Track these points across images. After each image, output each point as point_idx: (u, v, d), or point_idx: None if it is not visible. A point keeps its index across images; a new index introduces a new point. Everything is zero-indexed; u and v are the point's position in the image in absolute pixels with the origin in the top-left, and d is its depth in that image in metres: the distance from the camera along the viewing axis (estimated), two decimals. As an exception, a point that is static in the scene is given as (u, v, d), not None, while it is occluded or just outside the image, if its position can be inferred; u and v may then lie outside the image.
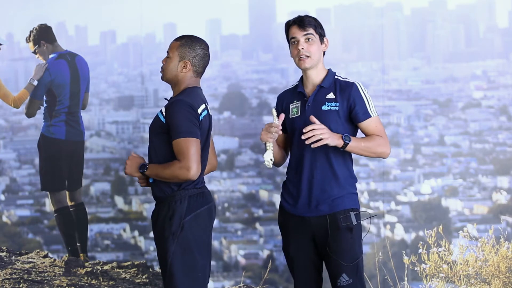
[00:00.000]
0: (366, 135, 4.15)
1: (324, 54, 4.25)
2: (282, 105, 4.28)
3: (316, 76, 4.20)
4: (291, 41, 4.20)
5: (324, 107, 4.13)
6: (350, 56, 15.96)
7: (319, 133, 4.01)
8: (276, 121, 4.11)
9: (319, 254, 4.20)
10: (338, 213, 4.11)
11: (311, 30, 4.17)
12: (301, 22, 4.17)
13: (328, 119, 4.10)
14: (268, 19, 16.95)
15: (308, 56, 4.16)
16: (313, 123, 4.04)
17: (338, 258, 4.10)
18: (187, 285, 4.04)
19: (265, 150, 4.11)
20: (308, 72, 4.20)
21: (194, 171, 3.96)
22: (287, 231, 4.26)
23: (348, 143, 4.04)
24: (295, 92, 4.24)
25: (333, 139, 4.03)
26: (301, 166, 4.17)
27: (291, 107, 4.23)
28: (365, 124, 4.12)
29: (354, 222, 4.11)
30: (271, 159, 4.10)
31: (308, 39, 4.17)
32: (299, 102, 4.20)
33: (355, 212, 4.11)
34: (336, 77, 4.21)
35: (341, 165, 4.13)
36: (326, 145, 4.05)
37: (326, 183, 4.13)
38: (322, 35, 4.21)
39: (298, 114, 4.18)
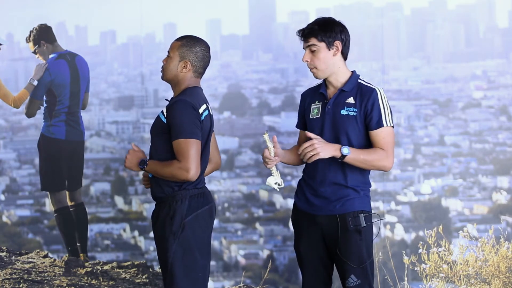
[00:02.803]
0: (373, 143, 4.12)
1: (345, 56, 4.18)
2: (304, 103, 4.27)
3: (336, 80, 4.16)
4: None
5: (343, 112, 4.10)
6: (350, 56, 15.96)
7: (310, 150, 4.01)
8: (269, 145, 4.15)
9: (329, 253, 4.20)
10: (347, 214, 4.11)
11: (313, 40, 4.12)
12: (303, 33, 4.14)
13: (345, 124, 4.08)
14: (268, 19, 16.96)
15: (313, 68, 4.12)
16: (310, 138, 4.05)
17: (347, 259, 4.11)
18: (187, 285, 4.04)
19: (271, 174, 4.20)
20: (327, 78, 4.17)
21: (193, 172, 3.97)
22: (299, 229, 4.27)
23: (346, 155, 4.03)
24: (317, 92, 4.21)
25: (328, 151, 4.02)
26: (315, 166, 4.17)
27: (312, 107, 4.21)
28: (375, 133, 4.08)
29: (363, 224, 4.10)
30: (275, 183, 4.16)
31: (312, 50, 4.13)
32: (320, 103, 4.18)
33: (364, 214, 4.11)
34: (359, 80, 4.14)
35: (354, 169, 4.11)
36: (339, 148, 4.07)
37: (337, 185, 4.13)
38: (329, 40, 4.14)
39: (318, 116, 4.16)
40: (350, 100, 4.10)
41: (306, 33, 4.11)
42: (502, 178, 15.49)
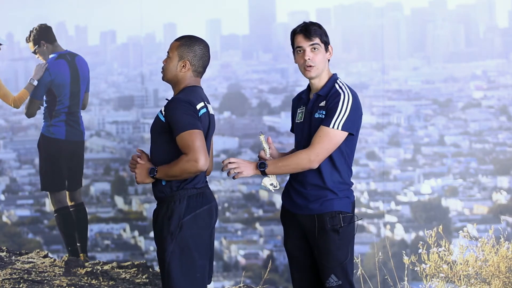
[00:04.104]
0: (313, 137, 4.15)
1: (329, 61, 4.26)
2: (294, 108, 4.36)
3: (318, 84, 4.24)
4: (297, 49, 4.21)
5: (316, 115, 4.18)
6: (350, 56, 15.95)
7: (233, 167, 4.10)
8: (265, 146, 4.20)
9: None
10: (326, 214, 4.16)
11: (317, 40, 4.18)
12: (307, 31, 4.17)
13: (316, 127, 4.15)
14: (268, 19, 16.95)
15: (313, 66, 4.18)
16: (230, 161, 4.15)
17: (324, 259, 4.16)
18: (185, 285, 4.04)
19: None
20: (312, 80, 4.23)
21: (202, 162, 3.97)
22: (286, 228, 4.37)
23: (264, 170, 4.11)
24: (301, 98, 4.29)
25: (250, 170, 4.11)
26: None
27: (298, 111, 4.30)
28: (319, 128, 4.13)
29: (341, 224, 4.15)
30: (271, 184, 4.19)
31: (314, 48, 4.18)
32: (304, 108, 4.26)
33: (343, 215, 4.16)
34: (335, 84, 4.21)
35: (329, 171, 4.18)
36: None
37: (316, 186, 4.18)
38: (327, 43, 4.21)
39: (301, 120, 4.24)
40: (323, 103, 4.17)
41: (312, 32, 4.16)
42: (502, 178, 15.47)
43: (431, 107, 16.39)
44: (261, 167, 4.12)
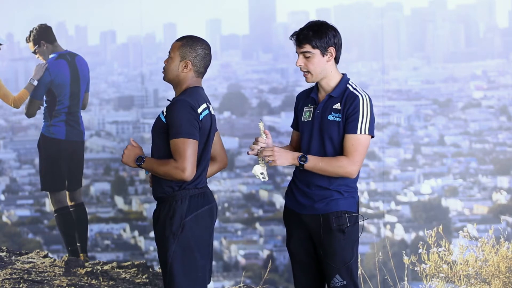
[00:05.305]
0: (343, 148, 4.14)
1: (337, 60, 4.23)
2: (299, 104, 4.34)
3: (327, 85, 4.22)
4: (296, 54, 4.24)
5: (330, 117, 4.16)
6: (350, 56, 15.94)
7: (268, 154, 4.07)
8: (262, 134, 4.19)
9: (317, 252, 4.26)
10: (331, 214, 4.16)
11: (307, 47, 4.17)
12: (297, 39, 4.18)
13: (330, 129, 4.15)
14: (268, 19, 16.95)
15: (308, 72, 4.18)
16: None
17: (330, 259, 4.15)
18: (187, 285, 4.04)
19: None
20: (320, 82, 4.22)
21: (188, 172, 3.98)
22: (289, 228, 4.36)
23: (304, 164, 4.06)
24: (310, 96, 4.27)
25: (286, 160, 4.09)
26: (304, 169, 4.20)
27: (304, 109, 4.29)
28: (346, 137, 4.13)
29: (347, 224, 4.15)
30: (261, 173, 4.16)
31: (306, 56, 4.17)
32: (312, 107, 4.24)
33: (349, 215, 4.15)
34: (348, 85, 4.20)
35: None
36: (326, 150, 4.12)
37: (321, 187, 4.17)
38: (323, 47, 4.18)
39: (309, 119, 4.22)
40: (337, 106, 4.16)
41: (301, 39, 4.15)
42: (502, 178, 15.47)
43: (431, 107, 16.39)
44: (302, 160, 4.10)
